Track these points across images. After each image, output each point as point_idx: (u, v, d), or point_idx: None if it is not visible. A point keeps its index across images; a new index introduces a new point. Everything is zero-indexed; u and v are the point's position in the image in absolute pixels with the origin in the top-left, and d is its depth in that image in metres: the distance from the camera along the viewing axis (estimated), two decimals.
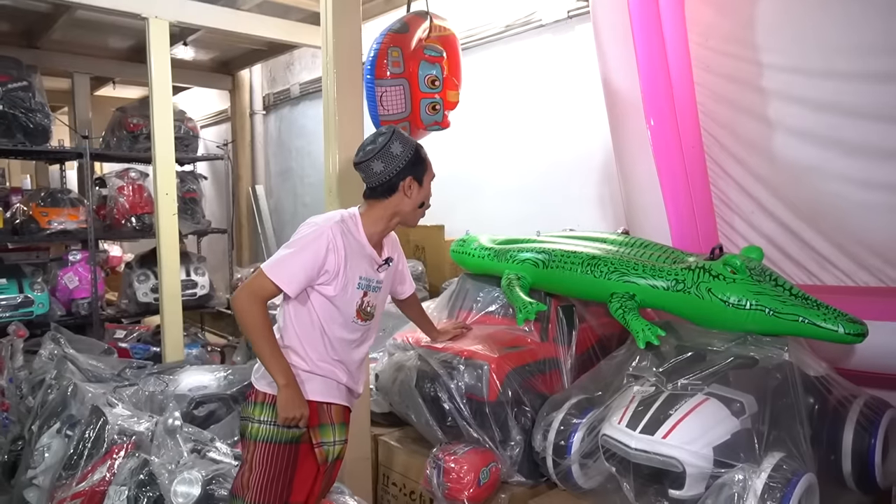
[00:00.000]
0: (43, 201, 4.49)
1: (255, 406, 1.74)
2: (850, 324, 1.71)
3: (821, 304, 1.77)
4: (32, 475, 2.52)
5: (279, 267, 1.66)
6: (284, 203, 6.15)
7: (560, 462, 1.96)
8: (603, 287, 2.08)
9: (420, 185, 1.79)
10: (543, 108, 3.53)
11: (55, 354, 3.05)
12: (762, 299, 1.78)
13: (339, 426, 1.80)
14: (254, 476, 1.69)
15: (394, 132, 1.78)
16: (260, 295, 1.66)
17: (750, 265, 1.87)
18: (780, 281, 1.85)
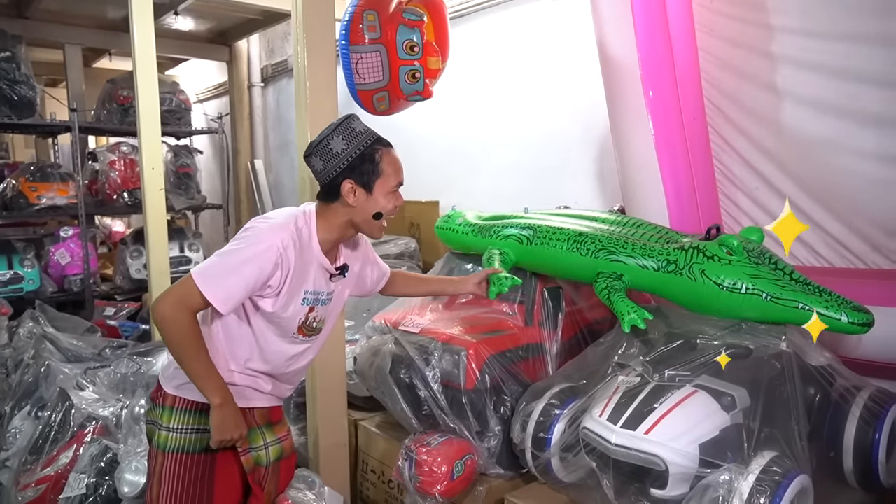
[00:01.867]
0: (32, 176, 4.42)
1: (164, 410, 1.53)
2: (854, 312, 1.57)
3: (823, 290, 1.62)
4: (5, 457, 2.47)
5: (215, 281, 1.40)
6: (284, 178, 6.03)
7: (539, 455, 1.85)
8: (589, 266, 1.95)
9: (368, 192, 1.50)
10: (541, 80, 3.35)
11: (34, 333, 2.98)
12: (759, 283, 1.64)
13: (266, 427, 1.61)
14: (163, 492, 1.50)
15: (342, 122, 1.53)
16: (188, 304, 1.40)
17: (748, 247, 1.72)
18: (780, 264, 1.70)
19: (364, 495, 2.37)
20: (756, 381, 1.59)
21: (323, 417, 2.23)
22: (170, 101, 4.84)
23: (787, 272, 1.68)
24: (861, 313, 1.57)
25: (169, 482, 1.51)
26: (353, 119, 1.56)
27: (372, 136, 1.54)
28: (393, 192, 1.55)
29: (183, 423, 1.52)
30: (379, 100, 2.27)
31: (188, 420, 1.52)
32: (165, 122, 4.63)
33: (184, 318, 1.39)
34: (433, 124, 3.99)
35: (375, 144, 1.53)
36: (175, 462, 1.51)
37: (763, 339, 1.65)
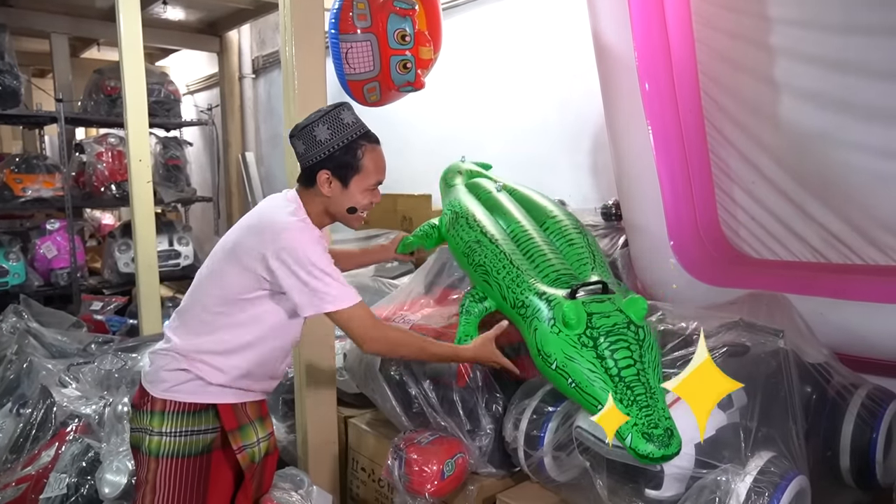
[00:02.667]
0: (17, 168, 4.34)
1: (153, 416, 1.49)
2: (644, 441, 1.33)
3: (642, 402, 1.39)
4: None
5: (341, 292, 1.45)
6: (275, 170, 5.96)
7: (532, 454, 1.81)
8: (472, 276, 1.94)
9: (344, 185, 1.50)
10: (534, 72, 3.30)
11: (17, 328, 2.92)
12: (569, 367, 1.49)
13: (258, 422, 1.60)
14: (158, 498, 1.46)
15: (331, 111, 1.50)
16: (374, 323, 1.51)
17: (596, 322, 1.51)
18: (619, 355, 1.45)
19: (354, 494, 2.33)
20: (753, 380, 1.55)
21: (312, 415, 2.19)
22: (158, 92, 4.76)
23: (617, 367, 1.44)
24: (652, 446, 1.32)
25: (165, 487, 1.47)
26: (344, 109, 1.52)
27: (359, 129, 1.51)
28: (370, 189, 1.54)
29: (177, 427, 1.49)
30: (369, 90, 2.22)
31: (182, 422, 1.49)
32: (154, 113, 4.55)
33: (385, 334, 1.53)
34: (425, 116, 3.93)
35: (361, 139, 1.50)
36: (171, 466, 1.48)
37: (760, 336, 1.62)
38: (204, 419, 1.51)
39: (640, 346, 1.48)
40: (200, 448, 1.49)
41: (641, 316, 1.53)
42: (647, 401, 1.39)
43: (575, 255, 1.87)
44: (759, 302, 1.93)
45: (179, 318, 1.57)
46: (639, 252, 2.38)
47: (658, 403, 1.40)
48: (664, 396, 1.42)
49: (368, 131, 1.55)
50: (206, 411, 1.51)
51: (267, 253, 1.43)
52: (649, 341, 1.51)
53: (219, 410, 1.51)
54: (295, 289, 1.44)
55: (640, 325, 1.52)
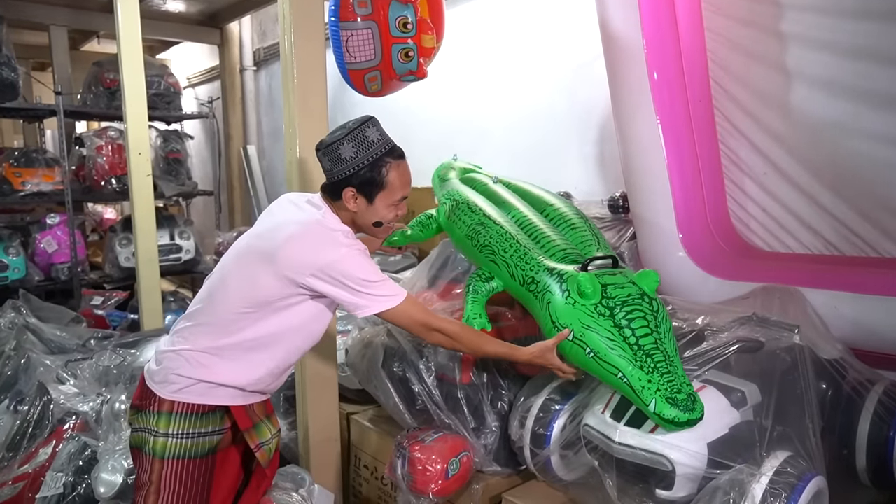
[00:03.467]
0: (16, 161, 4.29)
1: (159, 417, 1.47)
2: (668, 405, 1.35)
3: (663, 369, 1.40)
4: None
5: (389, 291, 1.49)
6: (277, 164, 5.91)
7: (538, 452, 1.77)
8: (476, 258, 1.93)
9: (369, 201, 1.52)
10: (540, 61, 3.24)
11: (15, 324, 2.89)
12: (587, 336, 1.50)
13: (267, 419, 1.61)
14: (163, 499, 1.45)
15: (356, 128, 1.51)
16: (431, 317, 1.54)
17: (611, 293, 1.52)
18: (636, 324, 1.47)
19: (356, 491, 2.29)
20: (768, 376, 1.51)
21: (313, 411, 2.15)
22: (158, 85, 4.71)
23: (635, 336, 1.46)
24: (677, 410, 1.35)
25: (170, 489, 1.45)
26: (369, 126, 1.52)
27: (385, 146, 1.52)
28: (395, 204, 1.55)
29: (184, 428, 1.47)
30: (371, 80, 2.16)
31: (189, 424, 1.47)
32: (154, 106, 4.51)
33: (441, 325, 1.53)
34: (428, 107, 3.88)
35: (386, 156, 1.52)
36: (177, 468, 1.47)
37: (775, 331, 1.57)
38: (211, 421, 1.49)
39: (655, 316, 1.50)
40: (206, 450, 1.49)
41: (653, 288, 1.56)
42: (667, 367, 1.41)
43: (579, 237, 1.87)
44: (772, 296, 1.88)
45: (194, 319, 1.53)
46: (647, 245, 2.33)
47: (678, 370, 1.42)
48: (681, 364, 1.45)
49: (394, 147, 1.56)
50: (214, 413, 1.49)
51: (313, 272, 1.45)
52: (663, 312, 1.53)
53: (231, 412, 1.51)
54: (345, 299, 1.48)
55: (653, 297, 1.54)
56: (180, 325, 1.54)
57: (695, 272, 2.19)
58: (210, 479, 1.52)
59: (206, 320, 1.51)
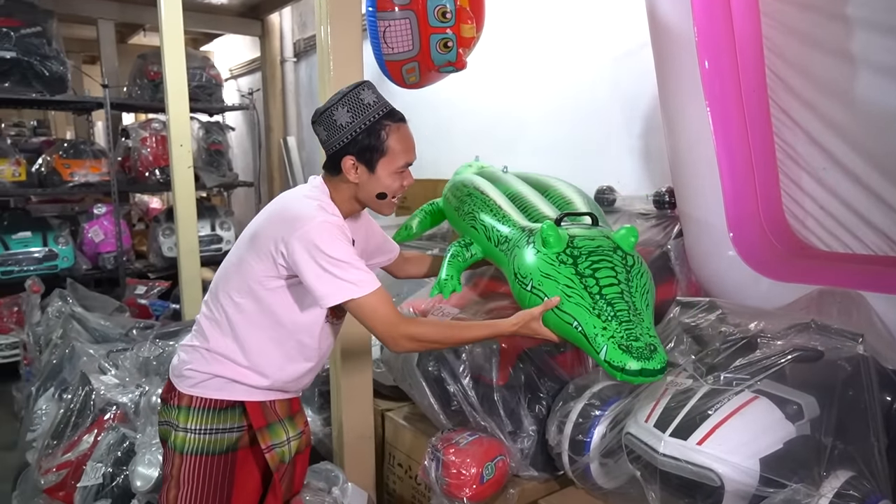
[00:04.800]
0: (65, 153, 4.41)
1: (179, 411, 1.45)
2: (620, 352, 1.25)
3: (623, 317, 1.30)
4: (32, 437, 2.45)
5: (356, 278, 1.35)
6: (316, 155, 5.92)
7: (577, 459, 1.70)
8: (460, 227, 1.89)
9: (370, 170, 1.41)
10: (582, 50, 3.13)
11: (62, 312, 2.96)
12: (546, 286, 1.40)
13: (288, 420, 1.53)
14: (182, 494, 1.43)
15: (350, 91, 1.41)
16: (395, 316, 1.37)
17: (579, 243, 1.43)
18: (601, 274, 1.37)
19: (390, 489, 2.27)
20: (827, 389, 1.41)
21: (348, 408, 2.12)
22: (200, 77, 4.78)
23: (599, 285, 1.36)
24: (629, 357, 1.23)
25: (188, 485, 1.43)
26: (364, 88, 1.43)
27: (382, 109, 1.43)
28: (399, 171, 1.45)
29: (201, 424, 1.44)
30: (408, 71, 2.11)
31: (206, 420, 1.44)
32: (196, 98, 4.57)
33: (414, 331, 1.39)
34: (468, 99, 3.81)
35: (384, 119, 1.41)
36: (194, 464, 1.44)
37: (835, 340, 1.46)
38: (230, 417, 1.46)
39: (628, 270, 1.39)
40: (225, 447, 1.45)
41: (631, 245, 1.46)
42: (628, 317, 1.30)
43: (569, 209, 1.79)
44: (831, 300, 1.76)
45: (204, 313, 1.52)
46: (694, 243, 2.22)
47: (643, 322, 1.30)
48: (651, 320, 1.34)
49: (392, 110, 1.46)
50: (232, 409, 1.46)
51: (286, 240, 1.37)
52: (639, 269, 1.42)
53: (246, 408, 1.46)
54: (312, 277, 1.35)
55: (629, 252, 1.44)
56: (197, 319, 1.53)
57: (745, 273, 2.08)
58: (231, 477, 1.47)
59: (211, 314, 1.49)
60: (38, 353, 3.21)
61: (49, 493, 2.09)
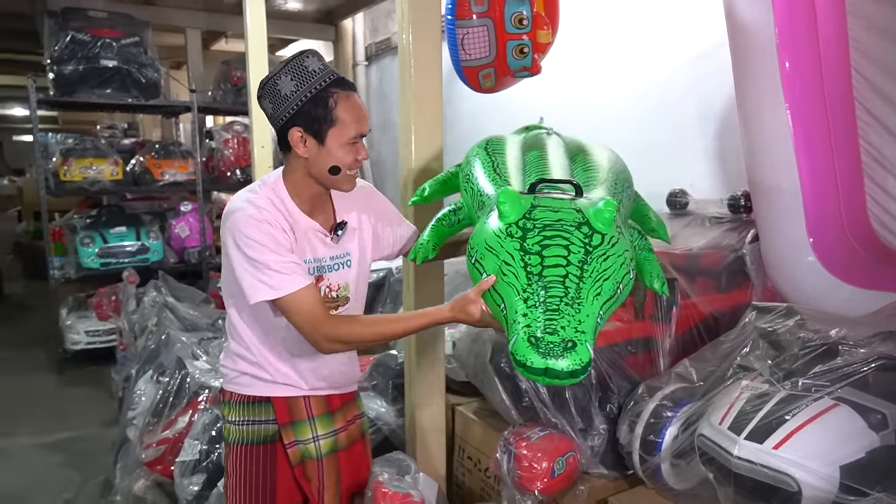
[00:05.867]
0: (157, 154, 4.73)
1: (225, 405, 1.55)
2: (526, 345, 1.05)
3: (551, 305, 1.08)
4: (132, 415, 2.67)
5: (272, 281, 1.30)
6: (385, 155, 6.09)
7: (648, 459, 1.72)
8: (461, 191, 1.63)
9: (319, 142, 1.33)
10: (653, 49, 3.11)
11: (156, 302, 3.20)
12: (487, 259, 1.19)
13: (321, 418, 1.53)
14: (230, 481, 1.52)
15: (294, 59, 1.32)
16: (318, 315, 1.31)
17: (537, 215, 1.19)
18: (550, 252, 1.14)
19: (459, 481, 2.34)
20: None
21: (420, 401, 2.21)
22: None
23: (542, 264, 1.13)
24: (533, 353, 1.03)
25: (235, 473, 1.52)
26: (308, 55, 1.35)
27: (329, 76, 1.34)
28: (351, 143, 1.36)
29: (239, 416, 1.52)
30: (485, 77, 2.18)
31: (242, 412, 1.52)
32: None
33: (337, 332, 1.32)
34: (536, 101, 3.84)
35: (332, 87, 1.33)
36: (238, 454, 1.51)
37: None
38: (264, 410, 1.51)
39: (587, 251, 1.13)
40: (262, 437, 1.49)
41: (606, 222, 1.17)
42: (558, 305, 1.07)
43: (583, 178, 1.48)
44: None
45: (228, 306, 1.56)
46: (771, 248, 2.18)
47: (576, 314, 1.06)
48: (594, 314, 1.09)
49: (341, 78, 1.37)
50: (266, 403, 1.51)
51: (222, 234, 1.38)
52: (605, 252, 1.14)
53: (272, 403, 1.50)
54: (239, 271, 1.33)
55: (602, 231, 1.17)
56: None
57: (826, 279, 2.03)
58: (273, 467, 1.50)
59: (227, 315, 1.54)
60: (133, 339, 3.48)
61: (149, 465, 2.29)
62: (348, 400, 1.65)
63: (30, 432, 3.64)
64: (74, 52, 4.11)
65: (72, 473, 3.13)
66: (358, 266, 1.54)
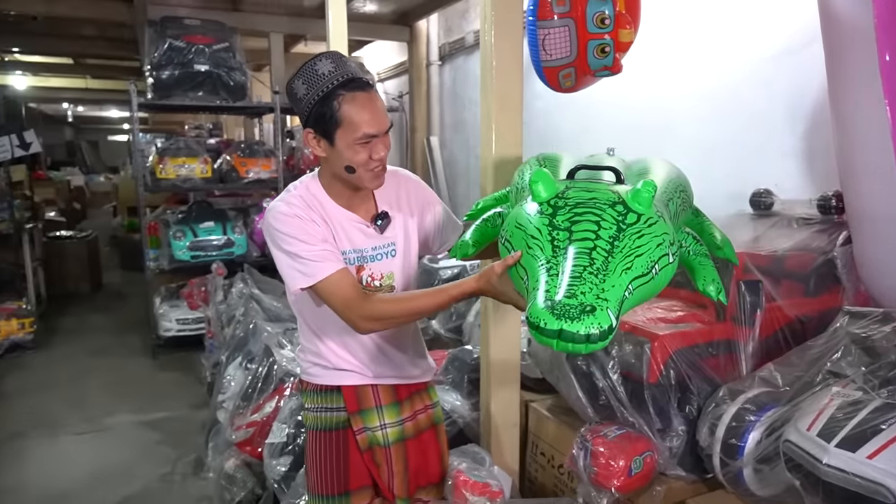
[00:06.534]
0: (242, 153, 4.98)
1: (304, 394, 1.64)
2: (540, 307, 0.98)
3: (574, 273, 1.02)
4: (222, 399, 2.85)
5: (305, 269, 1.37)
6: (457, 154, 6.16)
7: (729, 463, 1.70)
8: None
9: (330, 143, 1.36)
10: (735, 47, 3.01)
11: (243, 293, 3.38)
12: (515, 235, 1.16)
13: (389, 407, 1.58)
14: (308, 464, 1.61)
15: (306, 63, 1.36)
16: (351, 299, 1.36)
17: (570, 195, 1.15)
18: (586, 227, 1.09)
19: (532, 477, 2.37)
20: None
21: (496, 396, 2.25)
22: None
23: (570, 238, 1.08)
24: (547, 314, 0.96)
25: (311, 457, 1.60)
26: (322, 58, 1.37)
27: (337, 78, 1.34)
28: (361, 143, 1.36)
29: (314, 403, 1.59)
30: (565, 76, 2.19)
31: (316, 400, 1.59)
32: None
33: (371, 312, 1.37)
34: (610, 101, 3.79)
35: (339, 88, 1.33)
36: (314, 439, 1.59)
37: None
38: (335, 398, 1.58)
39: (620, 228, 1.07)
40: (333, 424, 1.56)
41: (645, 202, 1.10)
42: (580, 273, 1.01)
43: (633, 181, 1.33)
44: None
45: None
46: (865, 252, 2.09)
47: (599, 283, 0.99)
48: (622, 286, 1.00)
49: (352, 79, 1.36)
50: (336, 392, 1.57)
51: (265, 237, 1.48)
52: (639, 230, 1.07)
53: (342, 392, 1.57)
54: (276, 262, 1.41)
55: (639, 211, 1.10)
56: None
57: None
58: (346, 453, 1.56)
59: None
60: (220, 328, 3.70)
61: (239, 446, 2.44)
62: (418, 390, 1.69)
63: (130, 411, 3.94)
64: (171, 58, 4.41)
65: (167, 450, 3.38)
66: (403, 255, 1.56)
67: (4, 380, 4.56)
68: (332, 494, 1.57)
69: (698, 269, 1.27)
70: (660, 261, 1.06)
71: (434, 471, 1.71)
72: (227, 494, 2.45)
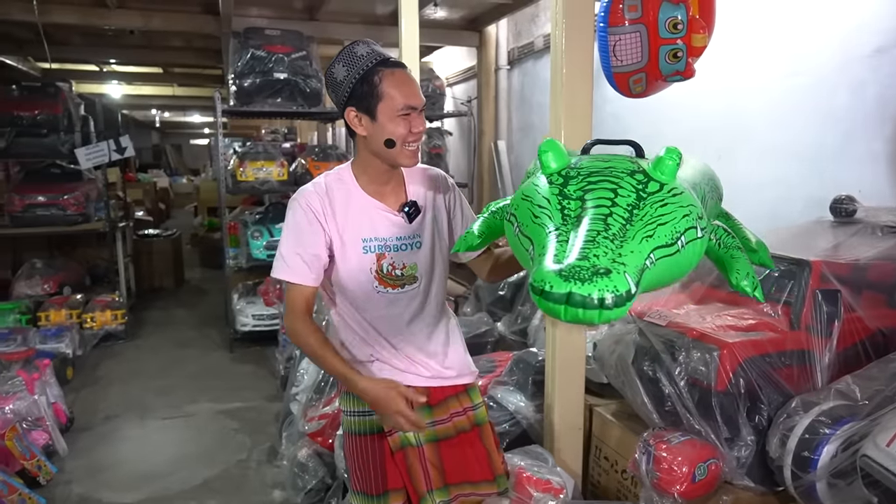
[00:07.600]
0: (316, 156, 5.18)
1: (341, 397, 1.67)
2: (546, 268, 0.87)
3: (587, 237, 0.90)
4: (295, 391, 2.99)
5: (278, 264, 1.49)
6: (524, 159, 6.17)
7: (802, 476, 1.66)
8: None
9: (371, 118, 1.42)
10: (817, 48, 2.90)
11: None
12: (520, 208, 1.07)
13: (421, 410, 1.53)
14: (348, 464, 1.65)
15: (345, 48, 1.44)
16: (294, 308, 1.48)
17: (582, 164, 1.06)
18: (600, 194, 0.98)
19: (595, 481, 2.38)
20: None
21: (560, 399, 2.27)
22: (426, 87, 5.27)
23: (583, 207, 0.97)
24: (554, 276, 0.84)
25: (349, 459, 1.64)
26: (358, 43, 1.46)
27: (375, 58, 1.43)
28: (402, 115, 1.42)
29: (350, 406, 1.62)
30: (635, 82, 2.19)
31: (351, 403, 1.62)
32: None
33: (298, 327, 1.47)
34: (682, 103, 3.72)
35: (378, 66, 1.41)
36: (349, 443, 1.63)
37: None
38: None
39: (640, 197, 0.97)
40: (368, 428, 1.58)
41: (669, 170, 1.00)
42: (594, 237, 0.90)
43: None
44: None
45: None
46: None
47: (615, 248, 0.88)
48: (642, 253, 0.89)
49: (387, 58, 1.44)
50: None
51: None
52: (664, 199, 0.97)
53: None
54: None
55: (661, 180, 1.00)
56: None
57: None
58: (381, 459, 1.58)
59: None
60: None
61: (311, 437, 2.57)
62: (456, 392, 1.67)
63: (209, 399, 4.19)
64: (253, 67, 4.65)
65: (244, 438, 3.58)
66: (429, 250, 1.57)
67: (99, 366, 4.94)
68: (373, 494, 1.61)
69: (730, 263, 1.15)
70: (686, 233, 0.95)
71: (473, 469, 1.66)
72: (299, 482, 2.58)
